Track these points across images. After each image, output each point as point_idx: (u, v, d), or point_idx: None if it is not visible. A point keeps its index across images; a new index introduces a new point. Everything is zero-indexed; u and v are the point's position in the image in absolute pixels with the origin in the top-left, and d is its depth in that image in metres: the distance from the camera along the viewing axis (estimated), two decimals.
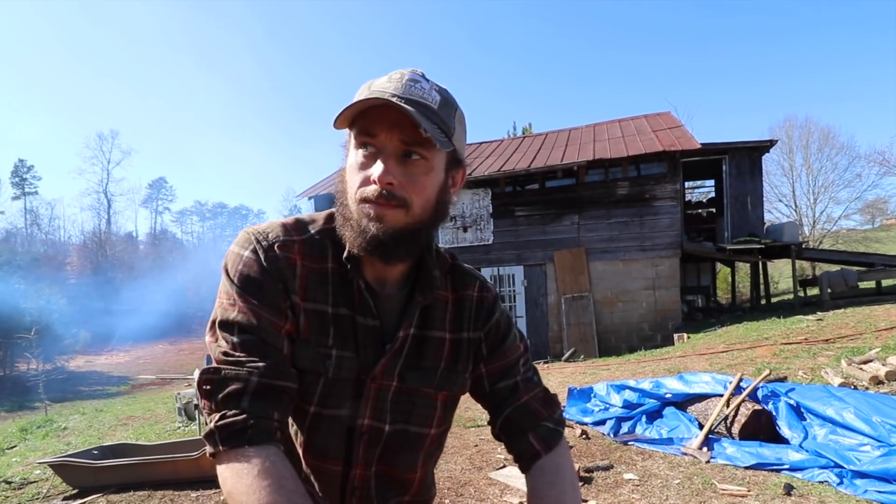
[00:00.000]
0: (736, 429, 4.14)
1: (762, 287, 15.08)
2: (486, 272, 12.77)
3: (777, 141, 14.40)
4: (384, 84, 0.79)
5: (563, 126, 16.75)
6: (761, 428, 4.11)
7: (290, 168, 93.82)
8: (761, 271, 14.94)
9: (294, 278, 0.84)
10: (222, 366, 0.78)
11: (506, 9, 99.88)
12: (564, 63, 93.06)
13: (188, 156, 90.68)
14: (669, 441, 4.35)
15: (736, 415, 4.22)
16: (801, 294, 14.51)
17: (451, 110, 0.82)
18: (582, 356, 11.27)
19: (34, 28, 74.47)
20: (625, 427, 4.80)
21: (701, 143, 11.85)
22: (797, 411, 4.13)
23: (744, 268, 19.79)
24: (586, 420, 5.10)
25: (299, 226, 0.89)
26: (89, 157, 56.10)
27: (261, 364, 0.78)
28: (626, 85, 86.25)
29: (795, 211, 26.06)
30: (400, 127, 0.77)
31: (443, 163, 0.83)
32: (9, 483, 5.28)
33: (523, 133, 24.38)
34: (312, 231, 0.89)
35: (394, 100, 0.75)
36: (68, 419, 9.85)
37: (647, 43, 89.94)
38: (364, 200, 0.79)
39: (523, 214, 12.75)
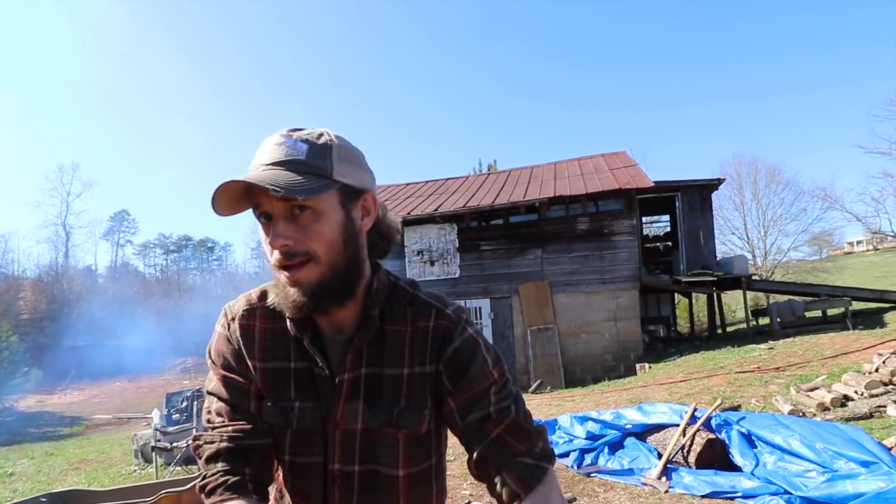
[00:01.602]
0: (692, 458, 4.32)
1: (718, 317, 15.65)
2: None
3: (724, 180, 15.19)
4: (259, 156, 0.84)
5: (526, 163, 17.35)
6: (716, 456, 4.30)
7: None
8: (716, 302, 15.52)
9: (253, 343, 0.95)
10: (204, 433, 0.96)
11: (464, 51, 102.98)
12: (528, 101, 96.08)
13: (152, 187, 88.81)
14: (630, 472, 4.49)
15: (692, 444, 4.40)
16: (754, 323, 15.10)
17: (324, 152, 0.83)
18: (548, 388, 11.41)
19: None
20: (588, 458, 4.92)
21: (654, 181, 12.45)
22: (748, 439, 4.33)
23: (702, 297, 20.49)
24: None
25: (263, 294, 0.98)
26: (48, 189, 54.37)
27: (230, 428, 0.93)
28: (583, 121, 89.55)
29: (748, 243, 27.22)
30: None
31: (335, 202, 0.84)
32: None
33: (489, 169, 24.99)
34: (273, 296, 0.95)
35: (260, 170, 0.81)
36: (15, 464, 9.37)
37: (603, 80, 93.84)
38: (278, 268, 0.85)
39: (489, 248, 13.02)
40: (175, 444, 6.90)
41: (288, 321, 0.93)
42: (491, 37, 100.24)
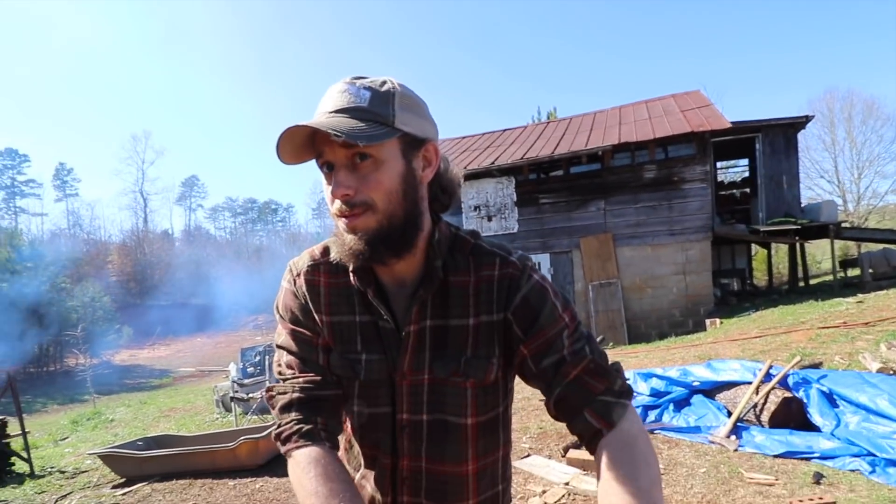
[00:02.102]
0: (765, 417, 4.09)
1: (801, 269, 14.65)
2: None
3: (813, 117, 13.91)
4: (322, 105, 0.84)
5: (589, 109, 16.46)
6: (792, 416, 4.05)
7: None
8: (799, 252, 14.50)
9: (319, 298, 0.97)
10: (276, 384, 0.99)
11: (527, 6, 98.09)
12: (590, 42, 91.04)
13: (219, 153, 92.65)
14: (697, 429, 4.32)
15: (765, 402, 4.16)
16: (842, 275, 14.04)
17: (387, 98, 0.83)
18: (611, 343, 11.19)
19: (67, 34, 76.85)
20: (651, 415, 4.79)
21: (732, 122, 11.53)
22: (829, 398, 4.04)
23: (783, 248, 19.24)
24: None
25: (325, 249, 0.99)
26: (125, 158, 58.05)
27: (301, 379, 0.96)
28: (654, 62, 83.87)
29: (838, 187, 25.12)
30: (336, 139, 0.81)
31: (396, 151, 0.84)
32: (62, 472, 5.59)
33: (548, 118, 24.08)
34: (333, 251, 0.96)
35: (323, 118, 0.80)
36: (115, 411, 10.32)
37: (676, 17, 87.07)
38: (338, 216, 0.86)
39: (548, 202, 12.65)
40: (251, 395, 7.32)
41: (351, 275, 0.94)
42: None
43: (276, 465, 4.86)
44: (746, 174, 17.46)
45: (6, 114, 73.21)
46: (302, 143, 0.82)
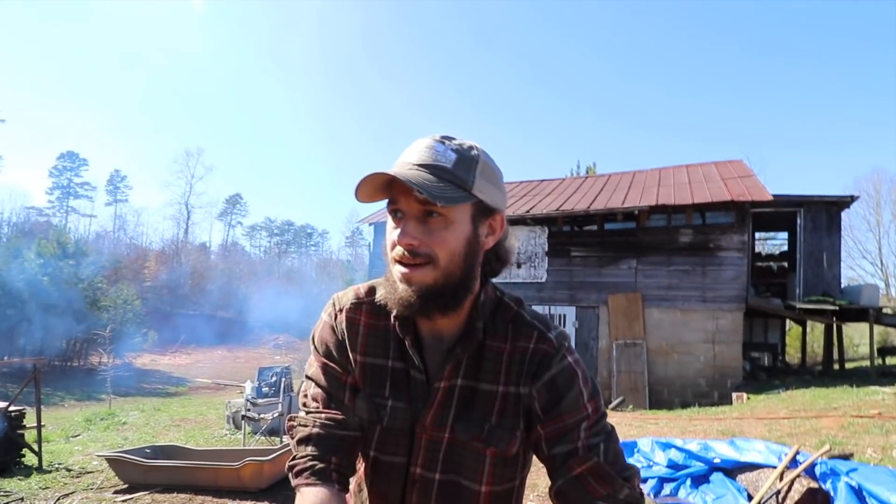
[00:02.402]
0: None
1: (836, 351, 14.05)
2: (537, 310, 12.62)
3: (858, 196, 13.63)
4: (407, 155, 0.87)
5: (628, 168, 16.50)
6: None
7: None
8: (836, 334, 13.94)
9: (357, 337, 0.98)
10: (299, 415, 1.01)
11: (575, 49, 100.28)
12: (633, 104, 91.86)
13: (264, 173, 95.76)
14: None
15: (789, 490, 3.94)
16: (879, 362, 13.40)
17: (470, 165, 0.85)
18: (630, 406, 10.84)
19: (135, 49, 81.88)
20: (667, 488, 4.58)
21: (774, 195, 11.35)
22: (858, 494, 3.80)
23: (818, 327, 18.53)
24: None
25: (371, 290, 1.01)
26: (176, 171, 60.42)
27: (324, 415, 0.97)
28: (697, 130, 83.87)
29: (881, 270, 24.30)
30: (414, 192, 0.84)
31: (467, 215, 0.86)
32: (69, 470, 5.66)
33: (587, 172, 24.19)
34: (381, 293, 0.98)
35: (406, 168, 0.83)
36: (128, 414, 10.44)
37: (723, 87, 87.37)
38: (396, 261, 0.87)
39: (579, 255, 12.57)
40: (262, 416, 7.31)
41: (392, 320, 0.95)
42: (599, 27, 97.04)
43: (277, 491, 4.81)
44: (785, 248, 17.06)
45: (74, 118, 77.62)
46: (380, 186, 0.84)
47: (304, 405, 1.01)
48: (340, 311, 1.00)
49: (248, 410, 7.71)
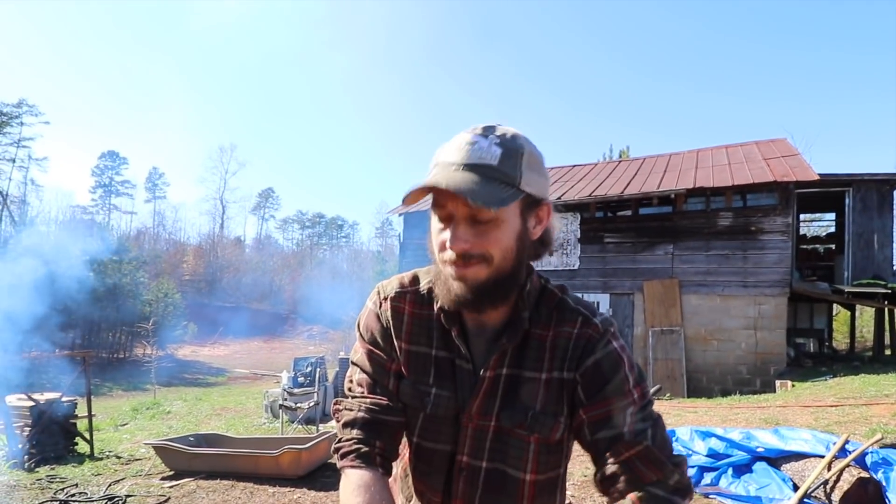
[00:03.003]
0: (836, 496, 3.72)
1: (888, 336, 13.45)
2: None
3: None
4: (449, 154, 0.84)
5: (664, 150, 16.05)
6: (867, 498, 3.66)
7: (385, 181, 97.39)
8: (887, 318, 13.33)
9: (401, 325, 0.99)
10: (344, 398, 1.02)
11: (609, 28, 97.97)
12: (670, 81, 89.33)
13: (294, 167, 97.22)
14: (757, 500, 3.99)
15: (838, 480, 3.79)
16: None
17: (516, 158, 0.83)
18: (668, 394, 10.63)
19: (172, 46, 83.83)
20: (707, 478, 4.47)
21: (820, 174, 10.87)
22: None
23: (868, 311, 17.74)
24: None
25: (415, 279, 1.02)
26: (211, 167, 61.95)
27: (368, 400, 0.98)
28: (738, 108, 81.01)
29: None
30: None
31: (516, 211, 0.85)
32: (119, 457, 5.89)
33: (620, 156, 23.66)
34: (424, 282, 1.00)
35: (451, 170, 0.81)
36: (172, 404, 10.80)
37: (766, 62, 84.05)
38: (447, 263, 0.87)
39: (613, 241, 12.32)
40: (298, 405, 7.46)
41: (437, 310, 0.96)
42: (634, 12, 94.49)
43: (315, 478, 4.90)
44: (832, 229, 16.37)
45: (114, 118, 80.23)
46: (424, 189, 0.82)
47: (350, 390, 1.02)
48: (385, 299, 1.01)
49: (285, 400, 7.87)
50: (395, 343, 0.99)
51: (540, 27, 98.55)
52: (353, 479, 0.90)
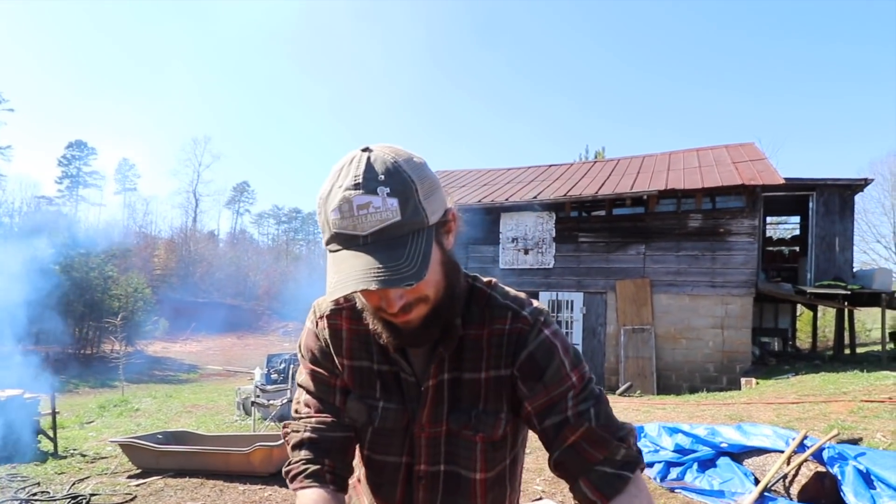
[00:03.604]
0: (795, 489, 3.87)
1: (847, 335, 13.95)
2: (545, 296, 12.60)
3: (873, 180, 13.40)
4: (344, 222, 0.75)
5: (637, 152, 16.33)
6: (824, 492, 3.81)
7: None
8: (847, 318, 13.83)
9: (341, 342, 0.98)
10: (291, 421, 1.02)
11: (584, 39, 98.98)
12: (642, 92, 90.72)
13: (270, 161, 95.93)
14: (720, 493, 4.12)
15: (796, 474, 3.94)
16: (892, 346, 13.30)
17: (413, 197, 0.76)
18: (638, 391, 10.85)
19: (142, 36, 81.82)
20: (674, 472, 4.59)
21: (786, 178, 11.20)
22: (866, 478, 3.79)
23: (830, 312, 18.37)
24: None
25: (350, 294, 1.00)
26: (184, 160, 60.57)
27: (314, 419, 0.98)
28: (707, 114, 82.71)
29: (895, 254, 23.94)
30: None
31: (432, 244, 0.79)
32: (84, 456, 5.75)
33: (595, 157, 23.98)
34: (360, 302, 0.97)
35: (359, 247, 0.75)
36: (141, 401, 10.58)
37: (734, 72, 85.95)
38: (384, 316, 0.85)
39: (587, 241, 12.51)
40: (271, 402, 7.39)
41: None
42: (606, 12, 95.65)
43: None
44: (797, 232, 16.89)
45: (82, 106, 77.93)
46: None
47: (297, 412, 1.02)
48: (322, 317, 0.99)
49: (258, 397, 7.79)
50: (337, 360, 0.98)
51: (533, 23, 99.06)
52: (304, 501, 0.91)
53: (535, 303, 0.97)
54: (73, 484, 4.66)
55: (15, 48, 68.39)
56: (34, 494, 4.35)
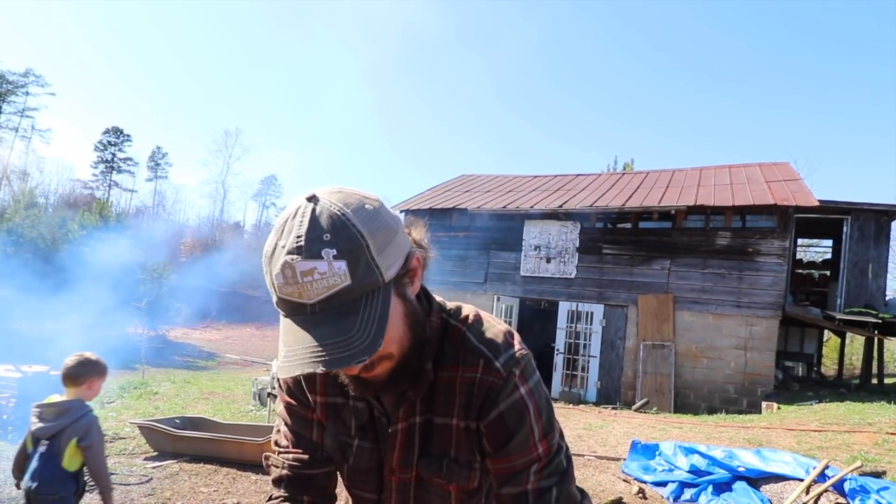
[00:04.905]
0: None
1: (876, 365, 13.53)
2: (564, 306, 12.50)
3: None
4: (290, 289, 0.67)
5: (667, 166, 16.11)
6: None
7: (387, 175, 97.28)
8: (876, 347, 13.41)
9: (314, 377, 0.94)
10: (272, 454, 1.02)
11: (620, 43, 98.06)
12: (674, 100, 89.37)
13: (298, 155, 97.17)
14: None
15: None
16: None
17: (364, 256, 0.68)
18: (655, 408, 10.68)
19: (179, 28, 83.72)
20: (687, 493, 4.51)
21: (820, 200, 10.94)
22: None
23: (858, 339, 17.83)
24: (646, 478, 4.84)
25: None
26: (215, 150, 61.85)
27: (291, 455, 0.98)
28: (741, 131, 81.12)
29: None
30: None
31: (389, 305, 0.72)
32: (103, 435, 5.88)
33: (624, 169, 23.74)
34: None
35: (306, 318, 0.69)
36: (160, 385, 10.78)
37: (771, 92, 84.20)
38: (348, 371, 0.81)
39: (611, 252, 12.37)
40: None
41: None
42: (644, 22, 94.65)
43: None
44: (828, 256, 16.46)
45: (120, 93, 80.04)
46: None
47: (276, 443, 1.02)
48: None
49: (274, 388, 7.87)
50: (310, 397, 0.95)
51: (568, 31, 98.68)
52: None
53: (516, 346, 0.89)
54: None
55: (59, 34, 70.64)
56: None
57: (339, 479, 1.03)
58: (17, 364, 6.04)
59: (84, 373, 2.55)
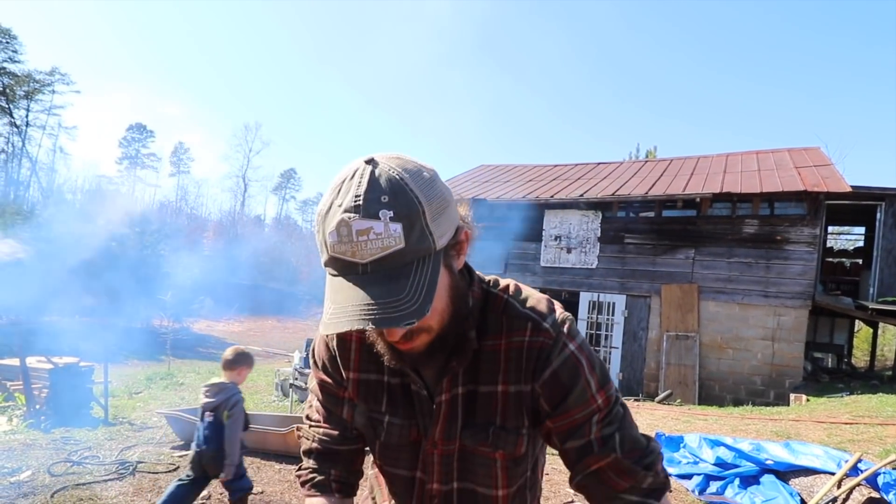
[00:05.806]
0: None
1: None
2: (585, 297, 12.36)
3: None
4: (343, 247, 0.68)
5: (691, 153, 15.77)
6: None
7: None
8: None
9: (349, 354, 0.95)
10: (303, 426, 1.06)
11: (643, 27, 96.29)
12: (698, 84, 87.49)
13: (318, 148, 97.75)
14: None
15: (847, 499, 3.73)
16: None
17: (419, 222, 0.69)
18: (678, 400, 10.52)
19: (203, 25, 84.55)
20: (713, 486, 4.43)
21: (852, 186, 10.60)
22: None
23: (891, 330, 17.34)
24: (671, 471, 4.76)
25: None
26: (235, 145, 62.58)
27: (321, 430, 1.02)
28: (769, 116, 79.11)
29: None
30: None
31: (439, 273, 0.73)
32: (132, 424, 6.02)
33: (646, 156, 23.33)
34: None
35: (358, 276, 0.69)
36: (185, 376, 10.99)
37: (804, 70, 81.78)
38: (386, 340, 0.81)
39: (633, 242, 12.17)
40: (308, 385, 7.53)
41: None
42: (666, 5, 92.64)
43: None
44: (861, 244, 15.97)
45: (146, 90, 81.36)
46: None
47: (308, 417, 1.05)
48: None
49: (296, 379, 7.95)
50: (344, 373, 0.95)
51: (591, 16, 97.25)
52: None
53: (558, 310, 0.90)
54: (122, 451, 4.87)
55: (84, 32, 71.95)
56: (86, 458, 4.57)
57: (370, 459, 1.05)
58: (48, 356, 6.20)
59: (237, 361, 3.12)
